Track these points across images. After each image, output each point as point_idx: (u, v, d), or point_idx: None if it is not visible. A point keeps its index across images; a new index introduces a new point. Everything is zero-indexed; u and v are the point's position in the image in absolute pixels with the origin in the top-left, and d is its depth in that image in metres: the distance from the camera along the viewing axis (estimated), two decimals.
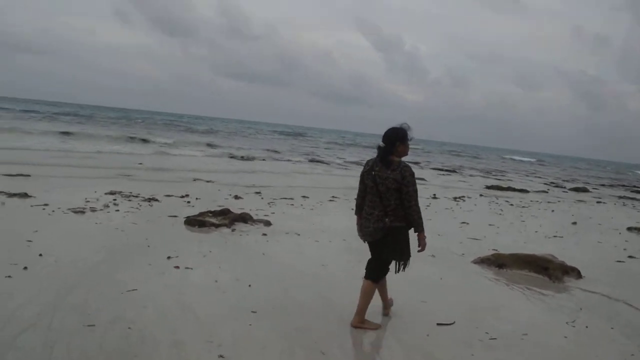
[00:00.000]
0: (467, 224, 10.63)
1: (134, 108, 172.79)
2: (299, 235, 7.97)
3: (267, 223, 8.63)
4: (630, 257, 8.62)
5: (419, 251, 4.29)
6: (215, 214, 8.62)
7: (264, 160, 24.76)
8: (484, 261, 7.13)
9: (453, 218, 11.39)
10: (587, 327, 4.95)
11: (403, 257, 4.31)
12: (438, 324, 4.66)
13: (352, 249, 7.28)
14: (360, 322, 4.36)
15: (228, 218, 8.37)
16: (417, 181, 4.26)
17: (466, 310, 5.14)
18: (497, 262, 7.02)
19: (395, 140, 4.17)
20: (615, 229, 12.11)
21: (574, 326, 4.94)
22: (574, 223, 12.42)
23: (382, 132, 4.28)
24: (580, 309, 5.49)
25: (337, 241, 7.79)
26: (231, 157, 24.08)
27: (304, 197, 12.40)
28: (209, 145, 31.23)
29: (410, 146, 4.31)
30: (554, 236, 10.11)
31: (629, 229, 12.22)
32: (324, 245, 7.46)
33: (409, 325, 4.61)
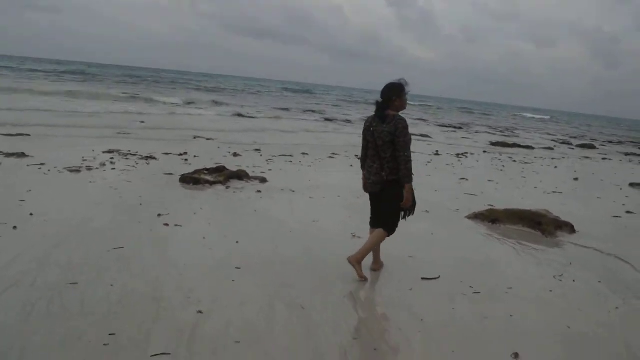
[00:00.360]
0: (467, 180, 10.58)
1: (141, 66, 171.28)
2: (293, 192, 7.96)
3: (263, 180, 8.64)
4: (628, 212, 8.56)
5: (401, 205, 4.37)
6: (210, 171, 8.61)
7: (270, 118, 24.57)
8: (477, 216, 7.10)
9: (453, 174, 11.32)
10: (574, 280, 4.94)
11: (398, 210, 4.44)
12: (423, 279, 4.66)
13: (346, 205, 7.30)
14: (356, 261, 4.45)
15: (223, 175, 8.36)
16: (421, 137, 4.25)
17: (454, 264, 5.14)
18: (491, 217, 6.99)
19: (392, 95, 4.29)
20: (617, 184, 12.01)
21: (560, 280, 4.93)
22: (576, 179, 12.33)
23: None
24: (570, 263, 5.47)
25: (331, 197, 7.78)
26: (237, 115, 23.89)
27: (303, 154, 12.36)
28: (215, 102, 30.99)
29: (408, 101, 4.43)
30: (553, 192, 10.03)
31: (632, 184, 12.10)
32: (317, 202, 7.46)
33: (394, 279, 4.63)
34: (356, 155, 11.98)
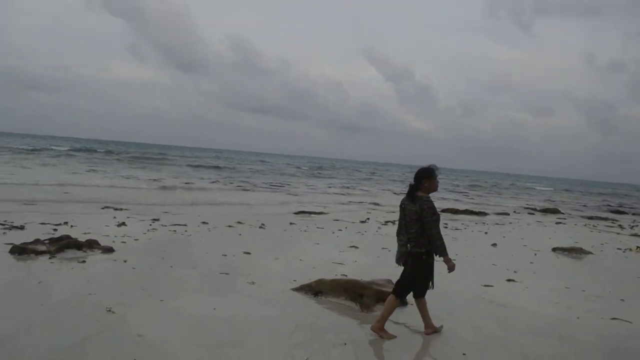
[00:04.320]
0: (356, 247, 9.75)
1: (150, 142, 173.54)
2: (125, 262, 7.19)
3: (108, 250, 7.89)
4: (509, 280, 7.69)
5: (449, 272, 4.74)
6: (52, 240, 7.92)
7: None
8: (303, 288, 6.26)
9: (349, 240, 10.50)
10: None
11: (419, 279, 4.84)
12: None
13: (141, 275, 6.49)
14: (378, 329, 4.82)
15: (56, 245, 7.65)
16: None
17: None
18: (316, 289, 6.15)
19: (422, 177, 4.77)
20: (537, 249, 11.13)
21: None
22: (494, 245, 11.45)
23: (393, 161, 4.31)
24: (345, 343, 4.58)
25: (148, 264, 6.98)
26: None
27: (204, 223, 11.64)
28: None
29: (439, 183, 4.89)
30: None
31: (554, 249, 11.23)
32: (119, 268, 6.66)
33: None
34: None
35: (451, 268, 4.72)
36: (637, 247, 12.96)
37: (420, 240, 4.69)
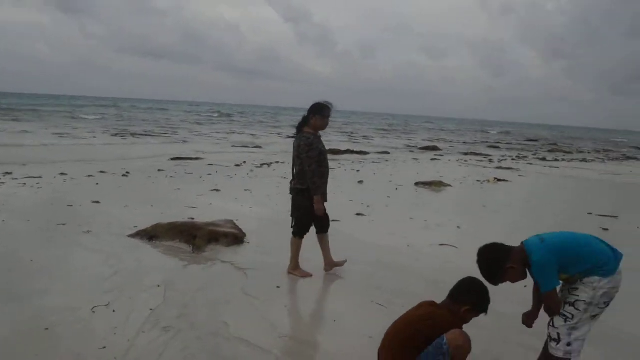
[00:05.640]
0: (219, 191, 9.63)
1: (30, 92, 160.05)
2: None
3: None
4: (358, 214, 7.94)
5: (315, 212, 4.66)
6: None
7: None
8: (139, 234, 6.08)
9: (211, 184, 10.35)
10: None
11: (300, 215, 4.80)
12: None
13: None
14: (292, 270, 4.92)
15: None
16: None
17: None
18: (152, 233, 5.99)
19: (310, 113, 4.67)
20: (400, 184, 11.59)
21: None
22: (360, 182, 11.77)
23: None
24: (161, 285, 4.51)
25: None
26: None
27: (62, 174, 10.94)
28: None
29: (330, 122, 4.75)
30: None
31: (417, 183, 11.76)
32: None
33: None
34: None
35: (318, 210, 4.66)
36: (495, 178, 13.90)
37: (302, 177, 4.66)
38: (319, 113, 4.66)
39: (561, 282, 2.67)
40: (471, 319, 2.78)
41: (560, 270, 2.59)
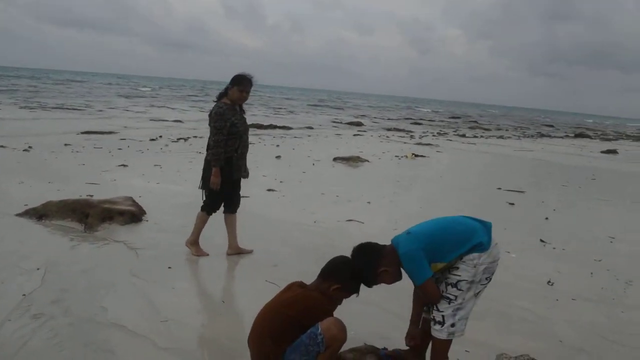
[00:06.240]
0: (126, 166, 9.19)
1: None
2: None
3: None
4: (269, 190, 7.81)
5: (211, 184, 4.48)
6: None
7: None
8: (28, 212, 5.68)
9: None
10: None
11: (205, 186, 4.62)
12: None
13: None
14: (189, 243, 4.76)
15: None
16: None
17: None
18: (41, 212, 5.61)
19: (229, 83, 4.52)
20: (318, 159, 11.55)
21: None
22: (278, 157, 11.63)
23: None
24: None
25: None
26: None
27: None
28: None
29: (248, 95, 4.59)
30: None
31: (335, 159, 11.76)
32: None
33: None
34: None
35: (213, 183, 4.47)
36: (413, 154, 14.17)
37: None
38: (237, 85, 4.49)
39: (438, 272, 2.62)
40: (342, 299, 2.72)
41: (435, 259, 2.56)
